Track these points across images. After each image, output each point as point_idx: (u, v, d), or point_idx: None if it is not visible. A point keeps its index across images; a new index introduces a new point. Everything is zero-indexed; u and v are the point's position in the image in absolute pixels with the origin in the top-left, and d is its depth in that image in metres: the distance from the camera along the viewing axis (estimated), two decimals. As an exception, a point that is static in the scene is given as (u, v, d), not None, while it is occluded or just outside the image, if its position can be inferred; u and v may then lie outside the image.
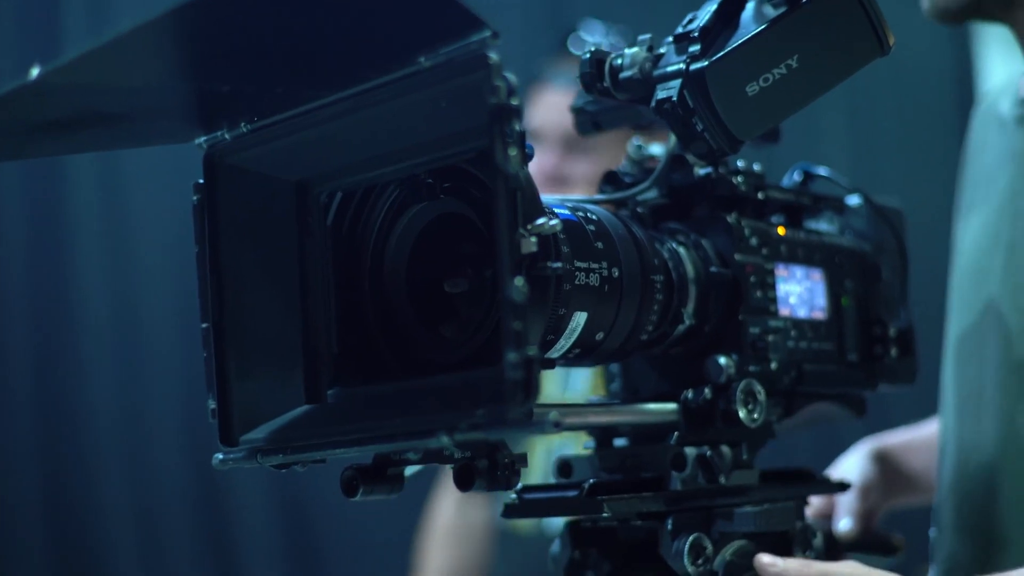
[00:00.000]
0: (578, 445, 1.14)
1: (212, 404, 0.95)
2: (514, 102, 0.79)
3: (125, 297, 3.00)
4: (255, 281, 0.96)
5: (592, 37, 2.34)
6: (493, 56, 0.79)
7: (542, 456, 2.14)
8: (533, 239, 0.80)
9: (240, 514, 3.04)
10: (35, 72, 0.79)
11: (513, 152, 0.79)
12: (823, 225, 1.21)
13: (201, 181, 0.96)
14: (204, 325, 0.95)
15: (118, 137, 1.06)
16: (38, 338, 2.95)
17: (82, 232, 2.98)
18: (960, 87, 4.22)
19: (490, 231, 0.81)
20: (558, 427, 0.80)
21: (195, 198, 0.96)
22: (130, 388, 2.98)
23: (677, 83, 0.98)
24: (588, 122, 1.16)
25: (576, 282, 0.94)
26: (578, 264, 0.94)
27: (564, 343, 0.96)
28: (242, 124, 0.94)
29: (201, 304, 0.96)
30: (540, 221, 0.81)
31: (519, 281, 0.77)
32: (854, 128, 3.91)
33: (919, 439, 1.47)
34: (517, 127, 0.79)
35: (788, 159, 1.37)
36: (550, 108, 2.22)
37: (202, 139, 0.96)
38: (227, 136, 0.95)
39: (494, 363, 0.80)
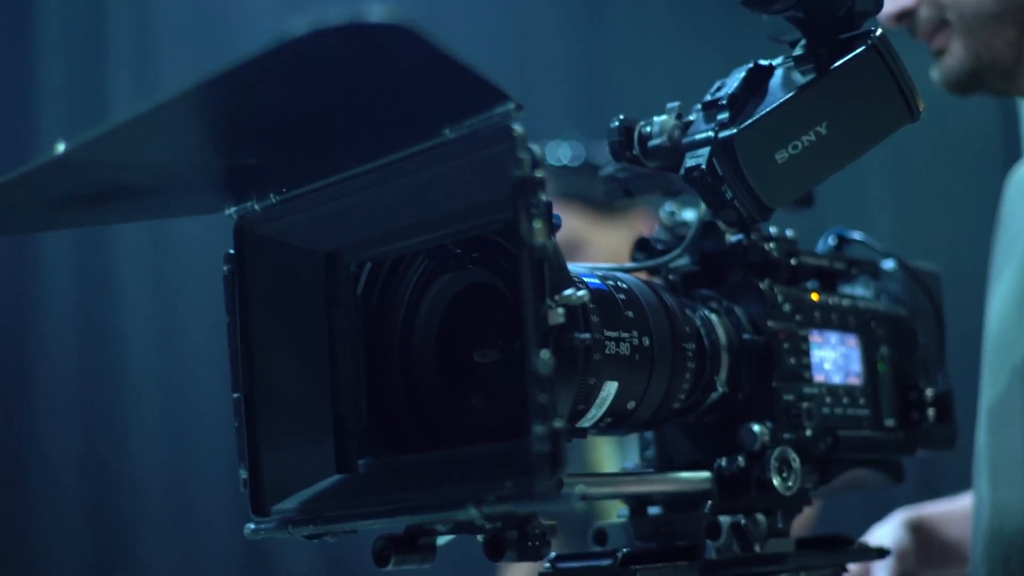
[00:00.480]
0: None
1: (244, 474, 0.95)
2: (538, 174, 0.79)
3: (173, 361, 3.03)
4: (285, 351, 0.97)
5: (555, 156, 2.38)
6: (517, 128, 0.79)
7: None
8: (560, 310, 0.80)
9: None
10: (60, 148, 0.80)
11: (538, 224, 0.78)
12: (858, 290, 1.20)
13: (231, 252, 0.96)
14: (235, 395, 0.96)
15: (147, 209, 1.06)
16: (87, 399, 2.97)
17: (130, 295, 3.01)
18: (1007, 148, 4.20)
19: (518, 302, 0.81)
20: (584, 499, 0.80)
21: (225, 268, 0.96)
22: (178, 453, 3.00)
23: (706, 151, 0.98)
24: (619, 189, 1.16)
25: (606, 352, 0.94)
26: (608, 333, 0.94)
27: (595, 412, 0.95)
28: (271, 195, 0.94)
29: (232, 374, 0.96)
30: (568, 292, 0.80)
31: (545, 354, 0.77)
32: (899, 190, 3.91)
33: (955, 510, 1.46)
34: (542, 198, 0.79)
35: (831, 221, 1.37)
36: None
37: (232, 209, 0.96)
38: (256, 207, 0.95)
39: (523, 434, 0.79)
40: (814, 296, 1.11)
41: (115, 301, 3.03)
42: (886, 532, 1.39)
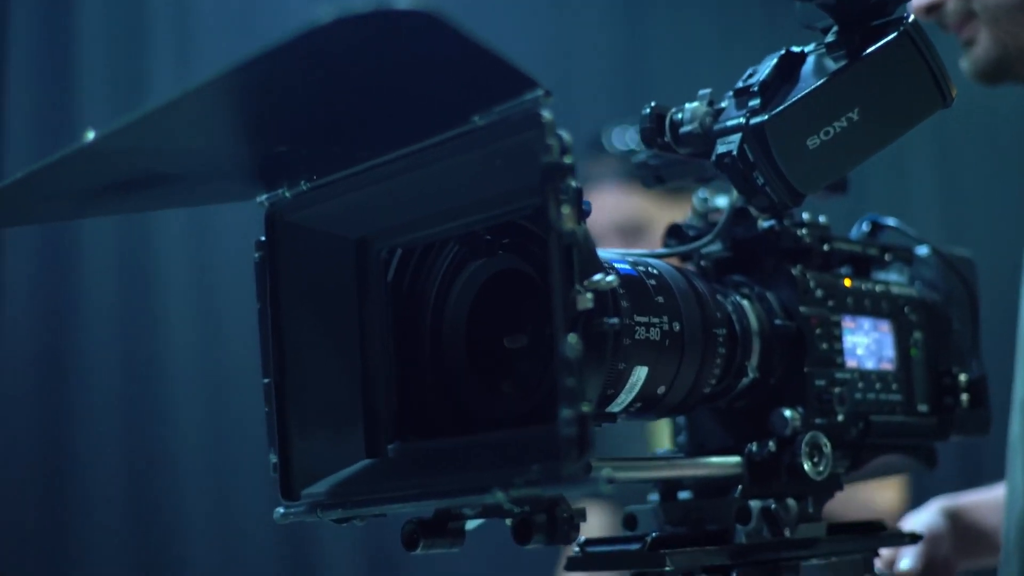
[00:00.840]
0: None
1: (274, 459, 0.95)
2: (567, 160, 0.79)
3: (211, 348, 3.04)
4: (316, 337, 0.97)
5: (621, 140, 2.38)
6: (546, 114, 0.79)
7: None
8: (589, 295, 0.80)
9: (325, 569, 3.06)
10: (90, 136, 0.80)
11: (567, 210, 0.78)
12: (892, 276, 1.20)
13: (263, 239, 0.97)
14: (266, 381, 0.96)
15: (178, 197, 1.07)
16: (127, 388, 2.99)
17: (167, 283, 3.03)
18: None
19: (547, 287, 0.81)
20: (611, 483, 0.80)
21: (256, 255, 0.97)
22: (216, 439, 3.01)
23: (737, 137, 0.98)
24: (651, 176, 1.16)
25: (636, 337, 0.94)
26: (638, 319, 0.94)
27: (625, 397, 0.96)
28: (302, 182, 0.95)
29: (263, 360, 0.97)
30: (597, 277, 0.81)
31: (573, 338, 0.77)
32: (943, 179, 3.89)
33: (992, 498, 1.45)
34: (571, 184, 0.79)
35: (874, 209, 1.37)
36: (598, 209, 2.26)
37: (263, 197, 0.97)
38: (287, 194, 0.95)
39: (551, 420, 0.79)
40: (847, 282, 1.11)
41: (152, 288, 3.04)
42: (922, 518, 1.39)
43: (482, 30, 0.74)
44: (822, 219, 1.12)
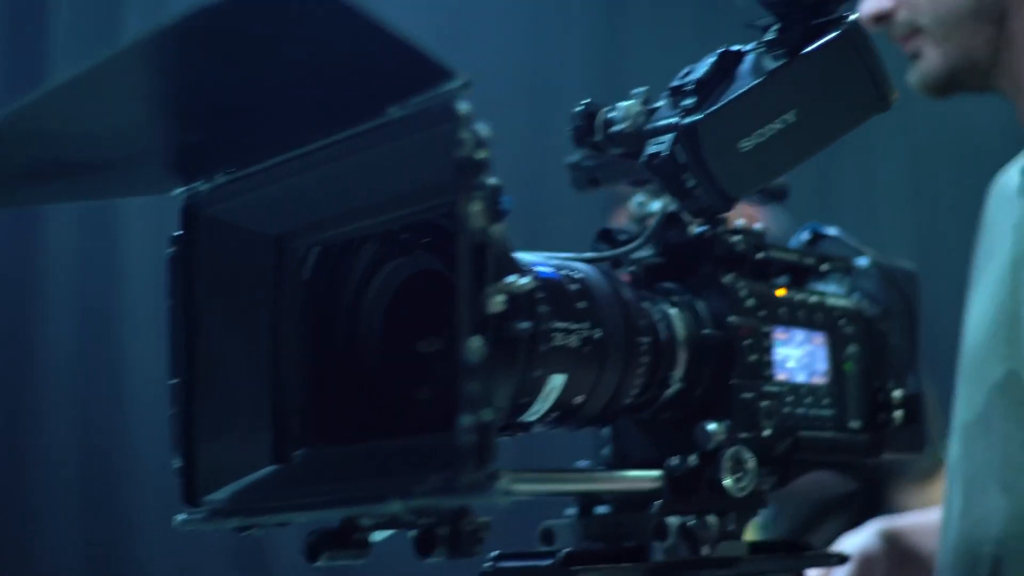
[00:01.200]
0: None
1: (177, 462, 0.92)
2: (480, 155, 0.76)
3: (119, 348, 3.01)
4: (227, 337, 0.94)
5: None
6: (462, 107, 0.76)
7: None
8: (501, 298, 0.77)
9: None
10: None
11: (477, 207, 0.75)
12: (830, 287, 1.17)
13: (178, 233, 0.94)
14: (173, 381, 0.93)
15: (90, 188, 1.03)
16: (82, 387, 2.97)
17: (131, 279, 2.99)
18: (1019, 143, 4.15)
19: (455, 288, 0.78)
20: (509, 495, 0.77)
21: (171, 250, 0.94)
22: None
23: (669, 137, 0.95)
24: (584, 178, 1.13)
25: (553, 343, 0.91)
26: (557, 324, 0.91)
27: (540, 406, 0.92)
28: (219, 175, 0.92)
29: (171, 360, 0.93)
30: (510, 279, 0.78)
31: (476, 341, 0.74)
32: (913, 192, 3.89)
33: (931, 522, 1.43)
34: (486, 181, 0.76)
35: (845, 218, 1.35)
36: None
37: (180, 190, 0.94)
38: (205, 187, 0.93)
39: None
40: (780, 292, 1.08)
41: (112, 284, 3.02)
42: (859, 539, 1.36)
43: (459, 29, 0.71)
44: (758, 226, 1.08)
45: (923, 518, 1.46)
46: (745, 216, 2.10)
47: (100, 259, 3.01)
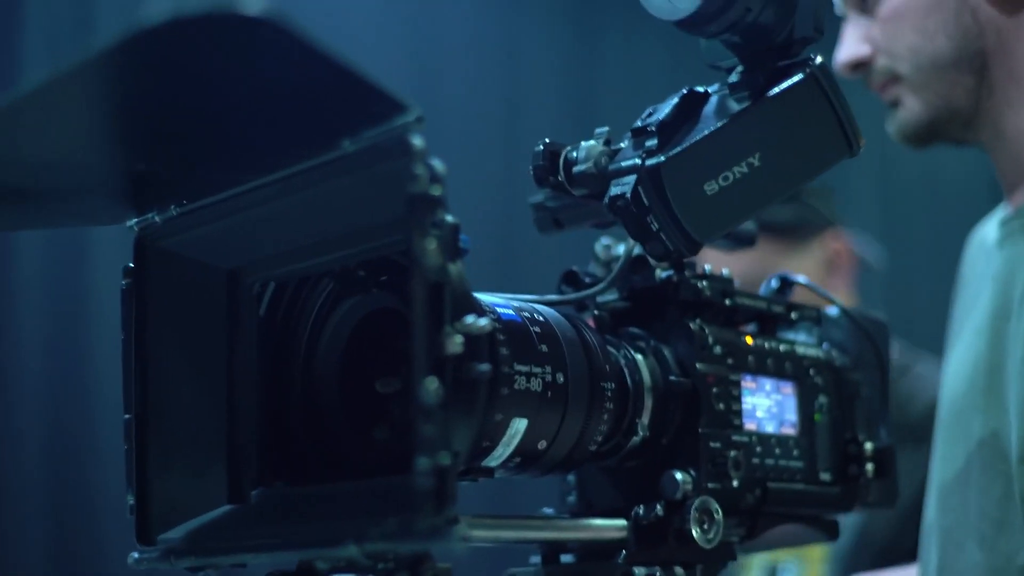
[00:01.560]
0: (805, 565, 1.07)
1: (131, 500, 0.90)
2: (435, 192, 0.73)
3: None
4: (181, 372, 0.92)
5: None
6: (416, 141, 0.74)
7: (757, 571, 2.10)
8: (459, 339, 0.74)
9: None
10: None
11: (432, 244, 0.73)
12: (800, 336, 1.14)
13: (131, 265, 0.91)
14: (127, 416, 0.91)
15: (47, 216, 1.01)
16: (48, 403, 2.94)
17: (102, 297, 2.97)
18: (994, 201, 4.16)
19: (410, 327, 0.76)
20: (467, 541, 0.74)
21: (124, 282, 0.91)
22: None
23: (632, 179, 0.93)
24: (548, 219, 1.10)
25: (515, 387, 0.88)
26: (518, 367, 0.89)
27: (503, 451, 0.90)
28: (172, 207, 0.90)
29: (124, 394, 0.91)
30: (469, 320, 0.75)
31: (432, 382, 0.72)
32: (886, 239, 3.88)
33: None
34: (443, 217, 0.74)
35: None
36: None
37: (133, 221, 0.92)
38: (157, 219, 0.90)
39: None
40: (748, 339, 1.05)
41: (81, 303, 3.00)
42: None
43: (430, 54, 0.69)
44: (725, 272, 1.06)
45: (900, 573, 1.44)
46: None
47: (67, 276, 3.00)
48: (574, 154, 0.98)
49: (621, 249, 1.09)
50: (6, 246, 2.92)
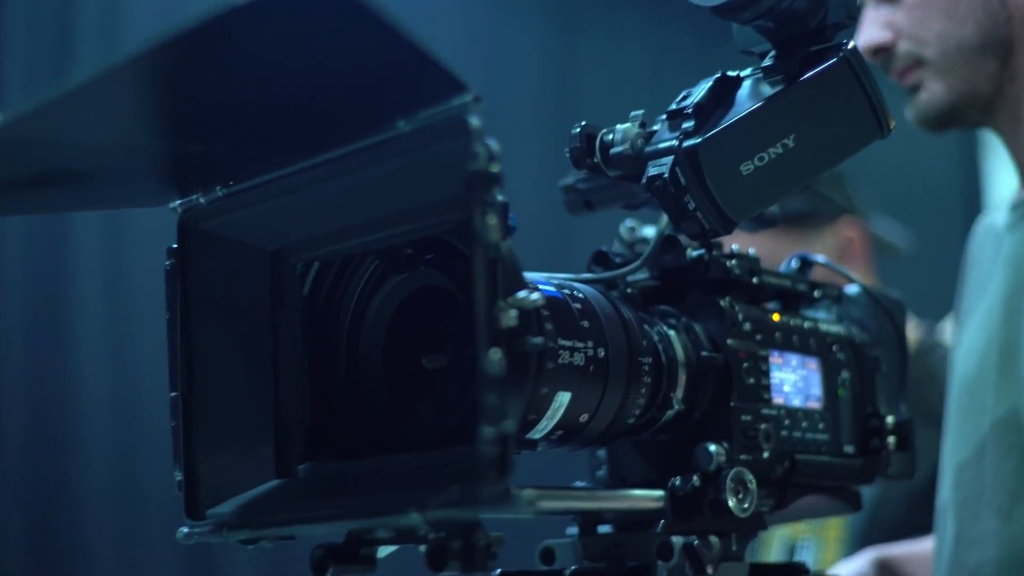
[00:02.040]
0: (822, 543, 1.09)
1: (179, 476, 0.91)
2: (494, 169, 0.75)
3: (122, 358, 2.99)
4: (226, 351, 0.93)
5: None
6: (474, 121, 0.76)
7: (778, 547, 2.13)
8: (513, 313, 0.76)
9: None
10: None
11: (492, 220, 0.75)
12: (820, 314, 1.17)
13: (175, 246, 0.93)
14: (173, 394, 0.92)
15: (90, 198, 1.02)
16: (33, 394, 2.93)
17: (80, 289, 2.98)
18: (968, 196, 4.21)
19: (469, 304, 0.78)
20: (532, 506, 0.77)
21: (168, 263, 0.93)
22: (125, 455, 2.96)
23: (669, 160, 0.95)
24: (579, 201, 1.13)
25: (559, 361, 0.90)
26: (562, 342, 0.91)
27: (546, 424, 0.92)
28: (218, 188, 0.91)
29: (171, 372, 0.93)
30: (521, 295, 0.77)
31: (496, 354, 0.74)
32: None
33: (923, 552, 1.44)
34: (498, 196, 0.76)
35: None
36: None
37: (177, 203, 0.93)
38: (202, 200, 0.92)
39: (470, 441, 0.76)
40: (775, 317, 1.08)
41: (62, 295, 3.00)
42: (852, 567, 1.37)
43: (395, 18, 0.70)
44: (752, 251, 1.09)
45: (916, 547, 1.47)
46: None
47: (49, 261, 3.00)
48: (610, 136, 1.00)
49: (645, 231, 1.11)
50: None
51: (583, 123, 1.01)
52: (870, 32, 1.36)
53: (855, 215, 2.37)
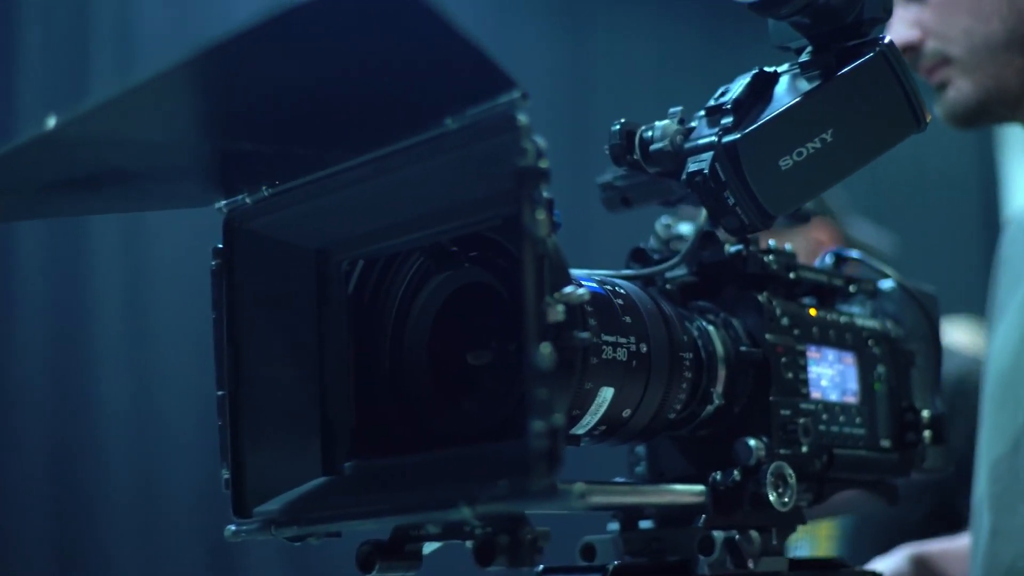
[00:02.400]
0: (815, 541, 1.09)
1: (226, 474, 0.92)
2: (542, 165, 0.76)
3: (148, 358, 3.00)
4: (272, 350, 0.94)
5: None
6: (522, 118, 0.77)
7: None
8: (560, 307, 0.77)
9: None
10: (51, 122, 0.77)
11: (541, 216, 0.76)
12: (855, 309, 1.18)
13: (220, 246, 0.94)
14: (220, 393, 0.93)
15: (137, 198, 1.03)
16: (60, 393, 2.95)
17: (103, 296, 2.99)
18: (984, 194, 4.21)
19: (516, 300, 0.78)
20: (583, 501, 0.77)
21: (213, 263, 0.94)
22: (146, 460, 2.96)
23: (709, 155, 0.96)
24: (617, 198, 1.13)
25: (603, 356, 0.91)
26: (605, 338, 0.92)
27: (590, 419, 0.93)
28: (263, 188, 0.92)
29: (217, 372, 0.94)
30: (568, 290, 0.78)
31: (545, 348, 0.74)
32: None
33: (959, 548, 1.44)
34: (545, 192, 0.76)
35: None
36: None
37: (222, 203, 0.94)
38: (248, 200, 0.93)
39: (518, 436, 0.76)
40: (812, 312, 1.09)
41: (84, 293, 3.01)
42: (889, 563, 1.37)
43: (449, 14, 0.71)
44: (788, 247, 1.09)
45: (952, 544, 1.47)
46: None
47: (69, 269, 3.01)
48: (649, 133, 1.01)
49: (681, 228, 1.12)
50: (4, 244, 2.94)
51: (622, 120, 1.02)
52: (897, 31, 1.37)
53: (827, 217, 2.38)
